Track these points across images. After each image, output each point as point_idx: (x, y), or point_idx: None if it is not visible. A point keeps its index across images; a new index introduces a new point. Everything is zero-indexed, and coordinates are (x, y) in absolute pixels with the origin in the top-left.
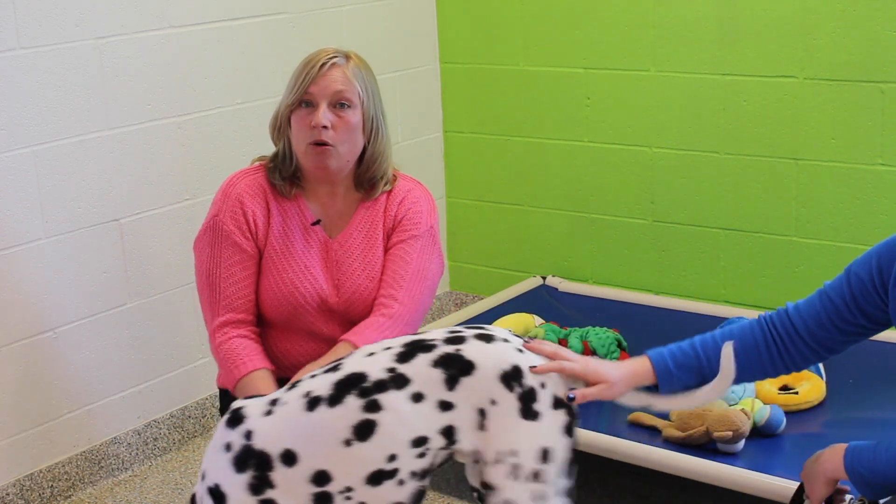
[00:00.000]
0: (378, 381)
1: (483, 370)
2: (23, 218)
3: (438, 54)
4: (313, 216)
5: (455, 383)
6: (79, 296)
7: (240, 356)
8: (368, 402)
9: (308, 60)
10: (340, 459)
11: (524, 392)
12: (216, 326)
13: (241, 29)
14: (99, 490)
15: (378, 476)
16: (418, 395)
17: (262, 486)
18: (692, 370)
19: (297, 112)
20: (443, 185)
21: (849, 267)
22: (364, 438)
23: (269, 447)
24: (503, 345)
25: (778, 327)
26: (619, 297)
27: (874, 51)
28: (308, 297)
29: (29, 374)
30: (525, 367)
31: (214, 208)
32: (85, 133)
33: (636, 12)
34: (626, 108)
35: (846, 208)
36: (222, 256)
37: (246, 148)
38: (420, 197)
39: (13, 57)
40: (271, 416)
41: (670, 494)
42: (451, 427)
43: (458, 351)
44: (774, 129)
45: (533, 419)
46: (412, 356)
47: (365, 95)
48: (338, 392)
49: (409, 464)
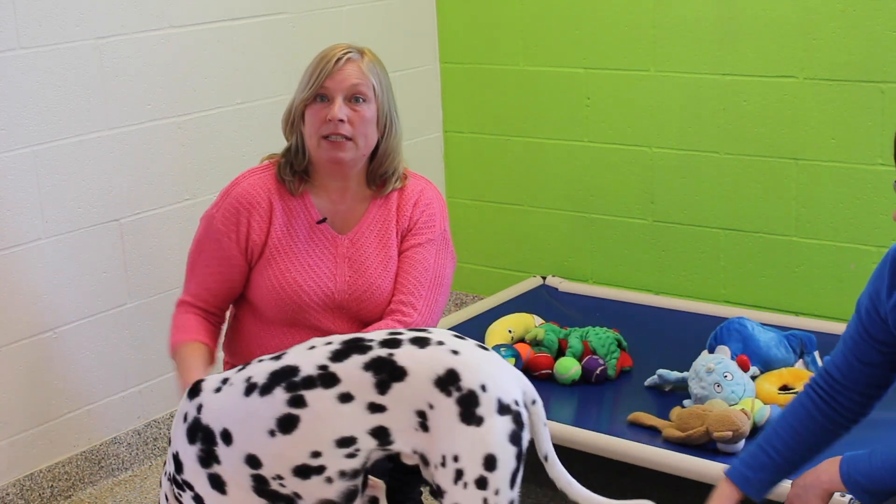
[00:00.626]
0: (306, 377)
1: (415, 376)
2: (23, 218)
3: (438, 54)
4: (319, 214)
5: (386, 388)
6: (79, 296)
7: (185, 326)
8: (294, 396)
9: (323, 55)
10: (266, 448)
11: (462, 396)
12: (181, 301)
13: (241, 29)
14: (99, 490)
15: (304, 470)
16: (346, 395)
17: (209, 459)
18: (766, 468)
19: (311, 106)
20: (443, 185)
21: (857, 301)
22: (286, 432)
23: (212, 423)
24: (437, 349)
25: (822, 386)
26: (619, 297)
27: (874, 51)
28: (312, 295)
29: (29, 374)
30: (462, 370)
31: (216, 201)
32: (85, 133)
33: (636, 12)
34: (626, 108)
35: (846, 208)
36: (205, 248)
37: (246, 148)
38: (433, 198)
39: (13, 57)
40: (219, 393)
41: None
42: (383, 428)
43: (391, 356)
44: (774, 129)
45: (475, 424)
46: (347, 356)
47: (380, 90)
48: (270, 382)
49: (336, 463)
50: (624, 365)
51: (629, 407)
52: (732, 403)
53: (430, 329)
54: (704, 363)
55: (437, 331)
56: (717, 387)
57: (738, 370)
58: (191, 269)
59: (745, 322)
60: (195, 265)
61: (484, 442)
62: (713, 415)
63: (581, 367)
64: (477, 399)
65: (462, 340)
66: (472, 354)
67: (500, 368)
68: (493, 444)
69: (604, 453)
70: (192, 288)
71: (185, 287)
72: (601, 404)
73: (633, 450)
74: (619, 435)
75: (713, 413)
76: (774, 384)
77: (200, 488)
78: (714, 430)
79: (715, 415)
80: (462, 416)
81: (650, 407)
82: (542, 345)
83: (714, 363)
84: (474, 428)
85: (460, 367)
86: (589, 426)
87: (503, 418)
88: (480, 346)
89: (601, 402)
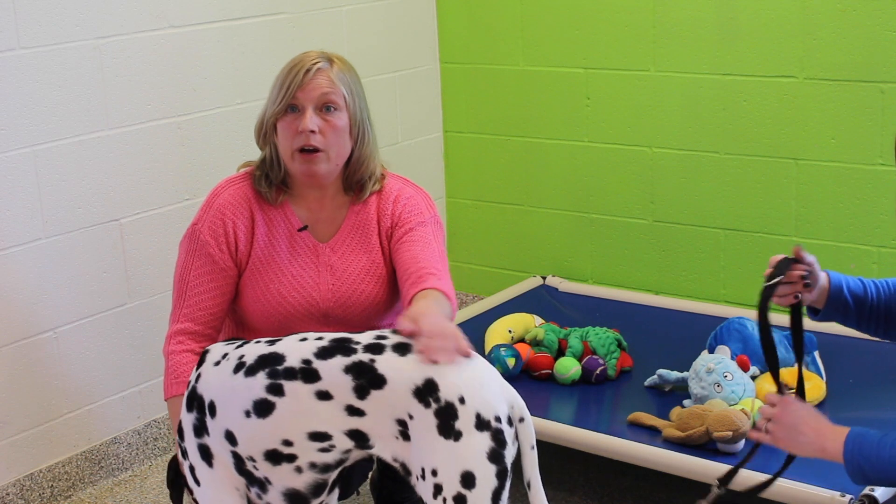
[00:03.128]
0: (288, 369)
1: (393, 385)
2: (22, 218)
3: (438, 54)
4: (300, 222)
5: (365, 393)
6: (79, 296)
7: (184, 373)
8: (273, 384)
9: (292, 66)
10: (242, 427)
11: (440, 408)
12: (174, 331)
13: (241, 29)
14: (99, 490)
15: (275, 455)
16: (325, 393)
17: (201, 429)
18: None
19: (283, 119)
20: (443, 185)
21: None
22: (261, 416)
23: (205, 394)
24: (417, 357)
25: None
26: (619, 297)
27: (874, 51)
28: (297, 305)
29: (29, 374)
30: (441, 380)
31: (197, 216)
32: (85, 133)
33: (636, 12)
34: (626, 108)
35: (846, 208)
36: (195, 265)
37: (246, 148)
38: (413, 193)
39: (13, 57)
40: (217, 366)
41: (670, 494)
42: (361, 432)
43: (373, 362)
44: (774, 129)
45: (452, 438)
46: (331, 355)
47: (351, 98)
48: (256, 365)
49: (308, 454)
50: (624, 365)
51: (629, 407)
52: (732, 403)
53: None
54: (704, 363)
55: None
56: (717, 387)
57: (738, 370)
58: (180, 293)
59: (745, 322)
60: (186, 287)
61: (462, 458)
62: (713, 415)
63: (581, 367)
64: (455, 412)
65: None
66: (453, 365)
67: (483, 380)
68: (471, 462)
69: (604, 453)
70: (186, 312)
71: (176, 315)
72: (601, 404)
73: (633, 450)
74: (619, 435)
75: (713, 413)
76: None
77: (193, 457)
78: (714, 430)
79: (715, 415)
80: (440, 428)
81: (650, 407)
82: (542, 345)
83: (714, 363)
84: (452, 442)
85: (439, 377)
86: (589, 426)
87: (481, 434)
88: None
89: (601, 402)
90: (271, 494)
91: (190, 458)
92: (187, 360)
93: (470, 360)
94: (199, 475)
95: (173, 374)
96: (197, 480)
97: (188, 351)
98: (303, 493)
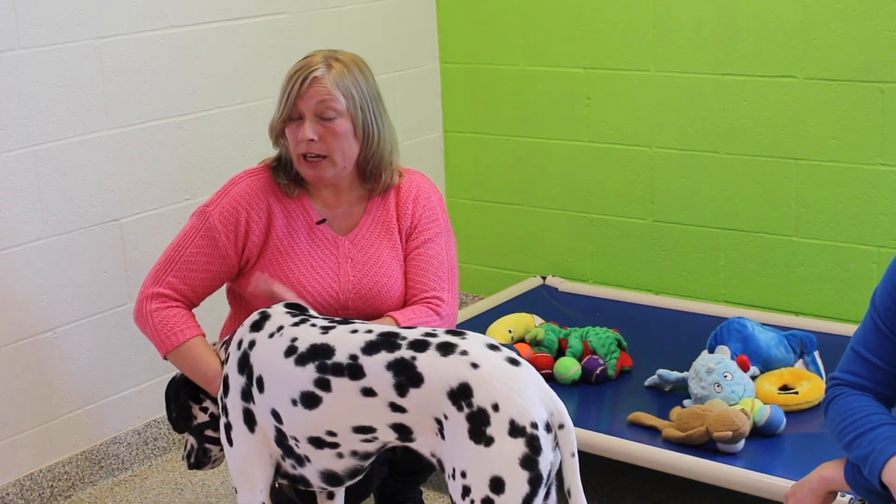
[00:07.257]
0: (336, 364)
1: (430, 385)
2: (22, 218)
3: (438, 54)
4: (318, 215)
5: (405, 391)
6: (79, 296)
7: (177, 324)
8: (321, 378)
9: (292, 74)
10: (287, 412)
11: (472, 413)
12: (151, 294)
13: (240, 29)
14: (99, 490)
15: (319, 442)
16: (369, 390)
17: (248, 395)
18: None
19: (289, 125)
20: (443, 185)
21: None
22: (308, 407)
23: (256, 365)
24: (457, 359)
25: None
26: (619, 297)
27: (874, 51)
28: (316, 296)
29: (29, 374)
30: (476, 386)
31: (211, 199)
32: (85, 133)
33: (636, 12)
34: (626, 108)
35: (846, 208)
36: (195, 241)
37: (246, 148)
38: (430, 192)
39: (13, 57)
40: (271, 339)
41: (670, 494)
42: (405, 426)
43: (413, 359)
44: (774, 129)
45: (483, 444)
46: (377, 350)
47: (350, 102)
48: (307, 354)
49: (351, 444)
50: (624, 365)
51: (629, 407)
52: (732, 403)
53: (467, 334)
54: (704, 363)
55: (471, 336)
56: (717, 387)
57: (738, 370)
58: (170, 260)
59: (745, 322)
60: (179, 257)
61: (491, 463)
62: (713, 415)
63: (581, 367)
64: (487, 418)
65: (490, 352)
66: (493, 370)
67: (521, 386)
68: (501, 467)
69: (604, 453)
70: (171, 280)
71: (158, 278)
72: (601, 404)
73: (633, 450)
74: (619, 435)
75: (713, 413)
76: (774, 384)
77: (234, 418)
78: (714, 430)
79: (715, 415)
80: (471, 433)
81: (650, 407)
82: (542, 345)
83: (714, 363)
84: (482, 447)
85: (474, 382)
86: (589, 426)
87: (515, 441)
88: (511, 360)
89: (601, 402)
90: (307, 470)
91: (230, 416)
92: (177, 313)
93: (512, 365)
94: (234, 435)
95: (166, 326)
96: (230, 440)
97: (173, 307)
98: (339, 475)
